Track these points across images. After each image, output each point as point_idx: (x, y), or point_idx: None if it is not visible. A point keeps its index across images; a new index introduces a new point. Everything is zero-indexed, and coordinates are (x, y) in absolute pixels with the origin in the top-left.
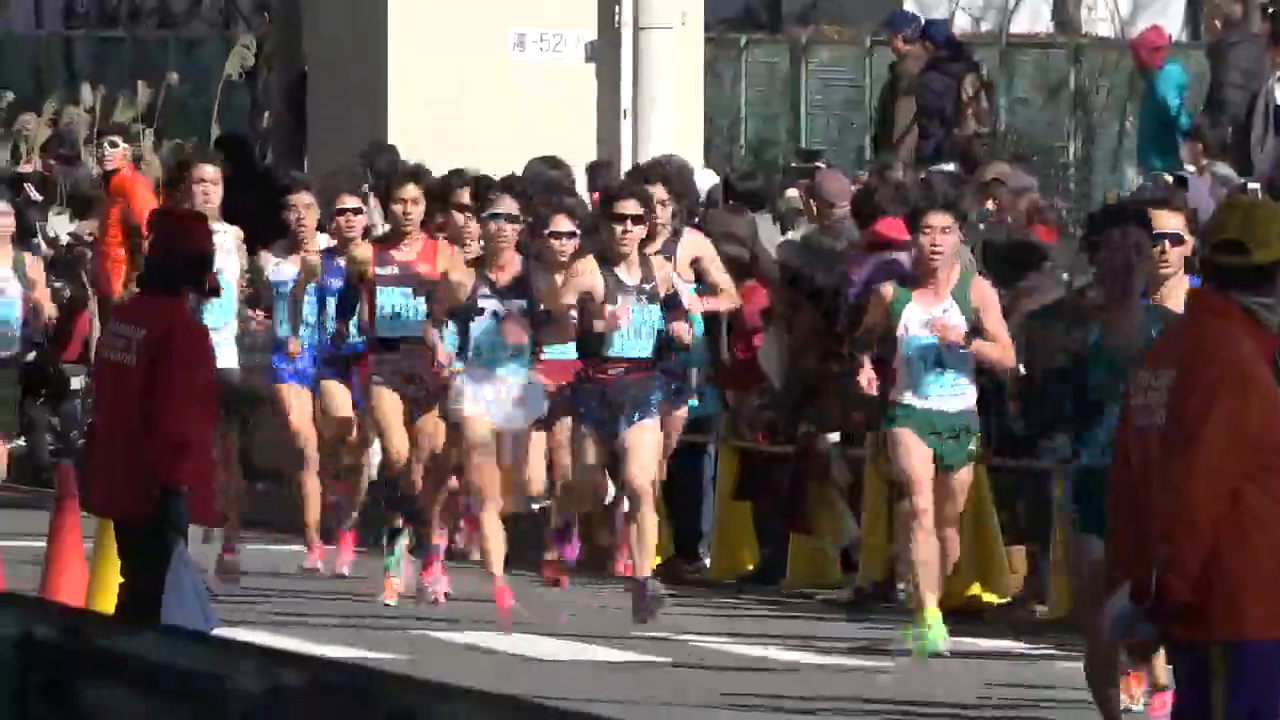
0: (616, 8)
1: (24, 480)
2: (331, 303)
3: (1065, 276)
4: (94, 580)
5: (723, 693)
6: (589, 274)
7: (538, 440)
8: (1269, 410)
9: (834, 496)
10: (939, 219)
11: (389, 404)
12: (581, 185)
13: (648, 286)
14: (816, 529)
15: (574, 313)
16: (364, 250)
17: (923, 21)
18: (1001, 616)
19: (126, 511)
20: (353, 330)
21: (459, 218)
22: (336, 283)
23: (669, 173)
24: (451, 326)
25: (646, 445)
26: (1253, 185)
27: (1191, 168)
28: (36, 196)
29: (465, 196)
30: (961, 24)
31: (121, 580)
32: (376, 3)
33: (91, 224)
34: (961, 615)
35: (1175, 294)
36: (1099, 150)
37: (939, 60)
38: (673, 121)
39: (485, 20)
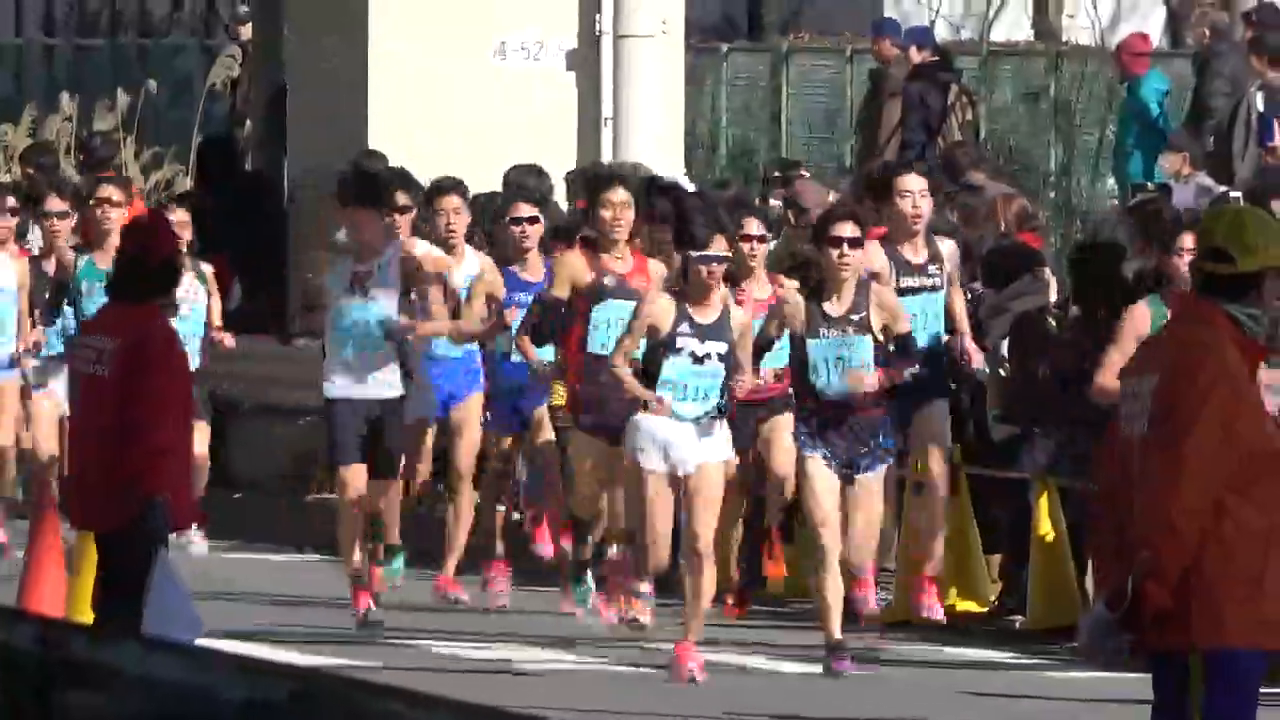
0: (597, 16)
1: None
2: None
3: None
4: (72, 590)
5: (707, 703)
6: (796, 307)
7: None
8: (1255, 418)
9: None
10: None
11: (589, 449)
12: (560, 194)
13: (856, 317)
14: (800, 538)
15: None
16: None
17: (907, 29)
18: (980, 626)
19: (107, 522)
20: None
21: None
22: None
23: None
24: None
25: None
26: (1235, 194)
27: (1172, 178)
28: (13, 204)
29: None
30: (941, 32)
31: (99, 590)
32: (357, 10)
33: None
34: (940, 625)
35: None
36: (1079, 158)
37: (925, 68)
38: (653, 130)
39: (466, 28)
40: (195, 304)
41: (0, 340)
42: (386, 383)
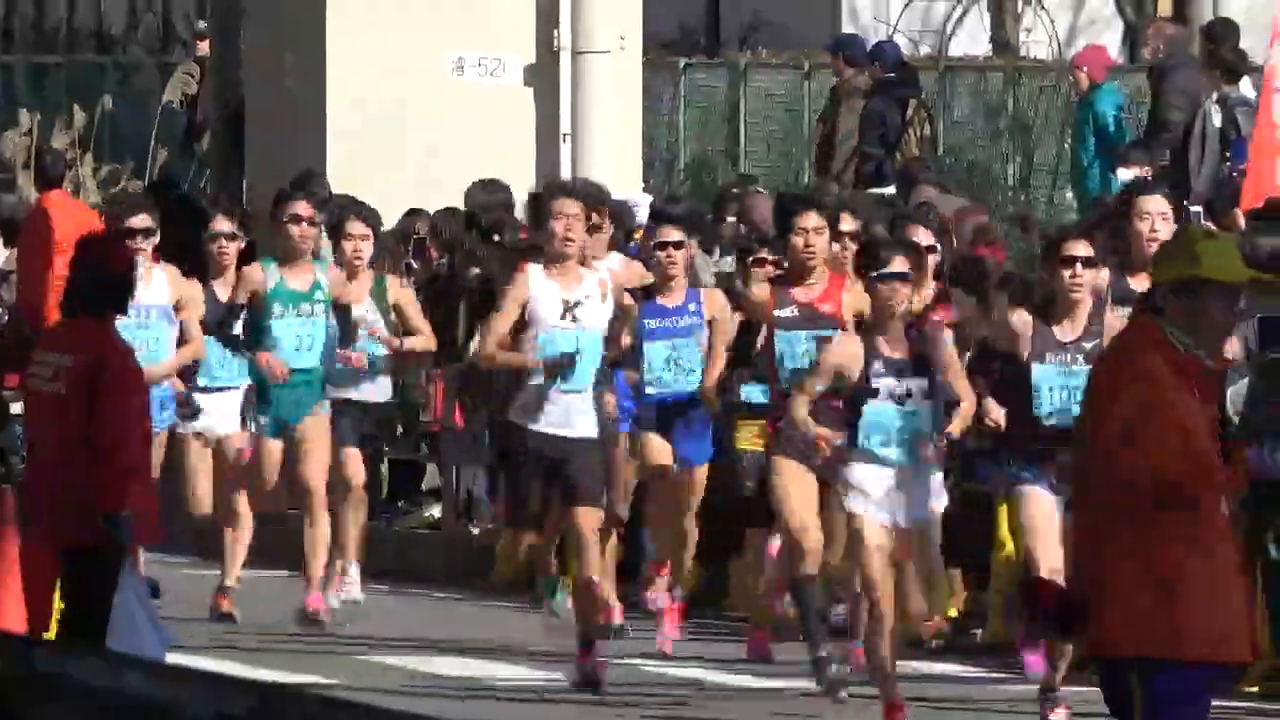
0: (555, 32)
1: None
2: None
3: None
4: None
5: (679, 716)
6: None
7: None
8: (1179, 436)
9: None
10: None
11: (797, 480)
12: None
13: (1089, 345)
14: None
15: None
16: (762, 290)
17: (869, 44)
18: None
19: (71, 540)
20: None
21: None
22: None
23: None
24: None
25: None
26: (1195, 209)
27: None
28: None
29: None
30: (899, 47)
31: (63, 607)
32: (314, 27)
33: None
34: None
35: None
36: (1037, 172)
37: (884, 83)
38: (611, 145)
39: (424, 44)
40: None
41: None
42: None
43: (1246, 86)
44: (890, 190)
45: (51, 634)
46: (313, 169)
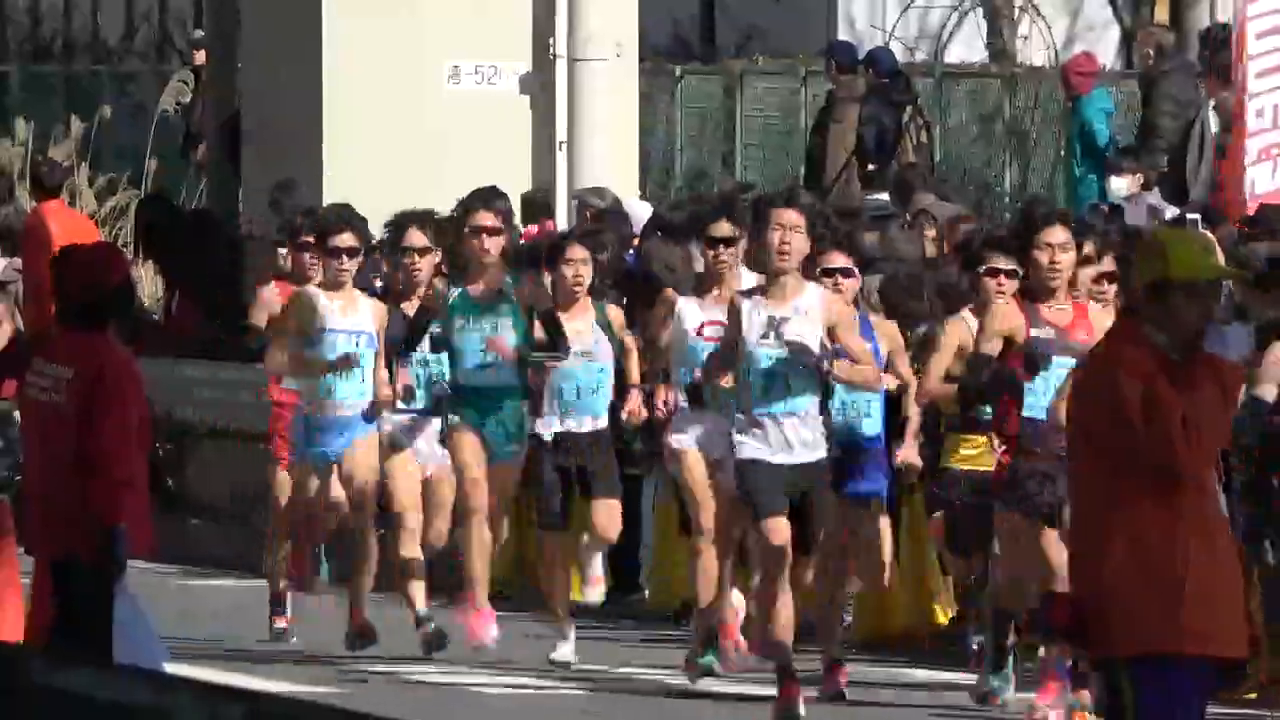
0: (551, 39)
1: None
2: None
3: None
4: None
5: None
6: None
7: None
8: (1178, 421)
9: None
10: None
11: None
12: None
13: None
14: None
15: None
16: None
17: (865, 51)
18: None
19: (67, 551)
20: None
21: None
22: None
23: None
24: None
25: None
26: (1191, 216)
27: (1119, 198)
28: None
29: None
30: (896, 54)
31: (56, 618)
32: (310, 35)
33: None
34: (898, 645)
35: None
36: (1034, 179)
37: (880, 89)
38: (607, 153)
39: (420, 52)
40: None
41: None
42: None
43: None
44: (884, 197)
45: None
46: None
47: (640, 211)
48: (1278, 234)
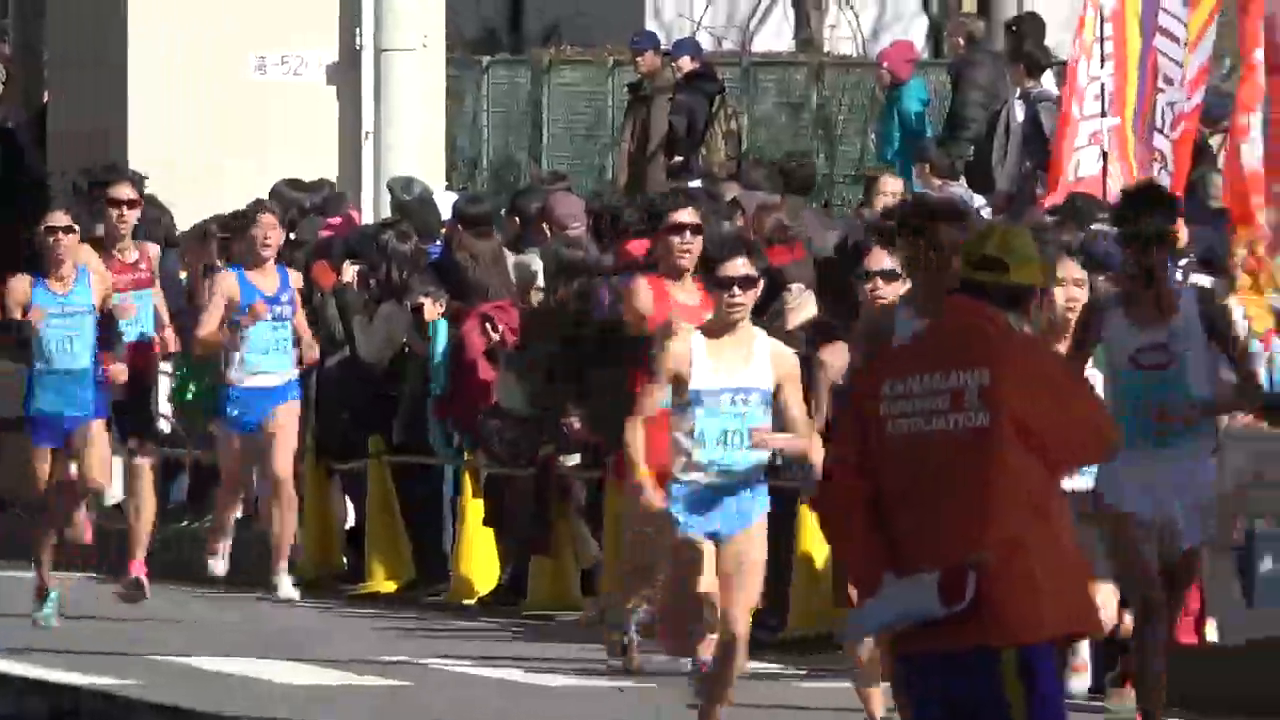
0: (357, 30)
1: None
2: None
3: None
4: None
5: (467, 717)
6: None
7: None
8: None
9: (574, 518)
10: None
11: None
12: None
13: None
14: (557, 551)
15: None
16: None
17: (670, 41)
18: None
19: None
20: None
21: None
22: None
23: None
24: None
25: None
26: (986, 209)
27: (921, 187)
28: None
29: None
30: (703, 43)
31: None
32: (116, 26)
33: None
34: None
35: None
36: (842, 168)
37: (689, 79)
38: (415, 143)
39: (226, 43)
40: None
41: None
42: None
43: (1050, 81)
44: (698, 184)
45: None
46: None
47: (447, 203)
48: (1085, 223)
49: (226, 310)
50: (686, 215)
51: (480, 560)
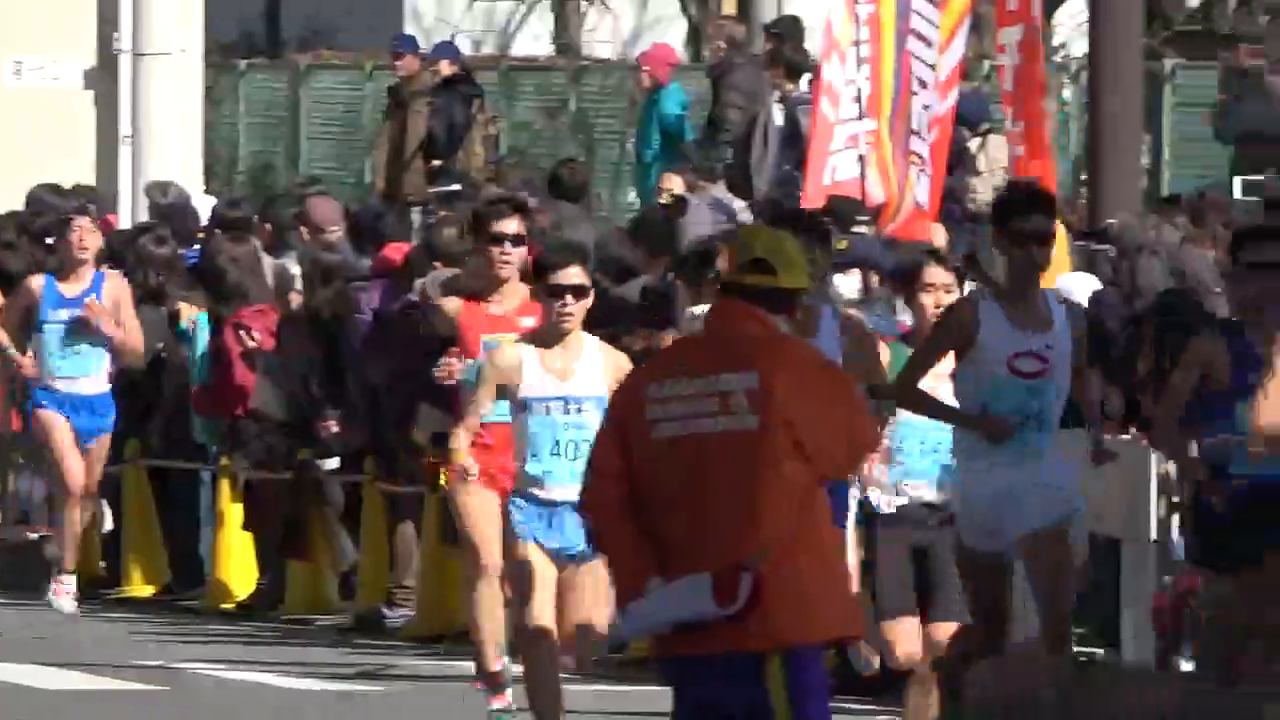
0: (115, 35)
1: None
2: None
3: None
4: None
5: None
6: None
7: None
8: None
9: (331, 521)
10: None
11: None
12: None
13: None
14: (314, 554)
15: None
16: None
17: (430, 44)
18: None
19: None
20: None
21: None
22: None
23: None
24: None
25: None
26: (744, 215)
27: (680, 191)
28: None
29: None
30: (463, 47)
31: None
32: None
33: None
34: None
35: None
36: (600, 170)
37: (448, 82)
38: (172, 147)
39: None
40: None
41: None
42: None
43: (809, 85)
44: (457, 187)
45: None
46: None
47: (205, 207)
48: (846, 226)
49: (26, 314)
50: (511, 225)
51: (238, 564)
